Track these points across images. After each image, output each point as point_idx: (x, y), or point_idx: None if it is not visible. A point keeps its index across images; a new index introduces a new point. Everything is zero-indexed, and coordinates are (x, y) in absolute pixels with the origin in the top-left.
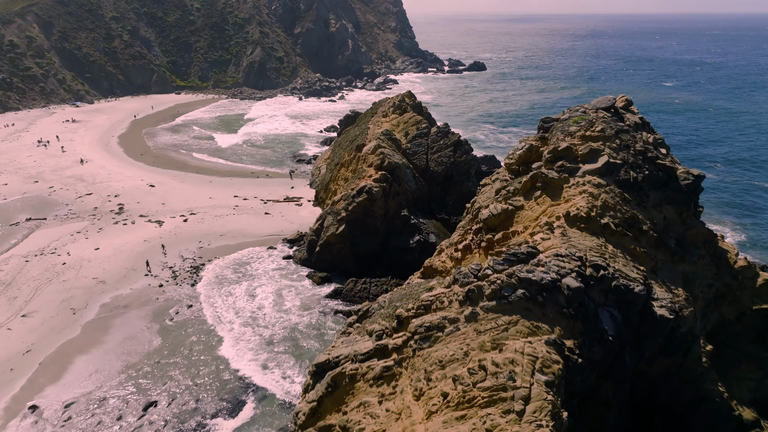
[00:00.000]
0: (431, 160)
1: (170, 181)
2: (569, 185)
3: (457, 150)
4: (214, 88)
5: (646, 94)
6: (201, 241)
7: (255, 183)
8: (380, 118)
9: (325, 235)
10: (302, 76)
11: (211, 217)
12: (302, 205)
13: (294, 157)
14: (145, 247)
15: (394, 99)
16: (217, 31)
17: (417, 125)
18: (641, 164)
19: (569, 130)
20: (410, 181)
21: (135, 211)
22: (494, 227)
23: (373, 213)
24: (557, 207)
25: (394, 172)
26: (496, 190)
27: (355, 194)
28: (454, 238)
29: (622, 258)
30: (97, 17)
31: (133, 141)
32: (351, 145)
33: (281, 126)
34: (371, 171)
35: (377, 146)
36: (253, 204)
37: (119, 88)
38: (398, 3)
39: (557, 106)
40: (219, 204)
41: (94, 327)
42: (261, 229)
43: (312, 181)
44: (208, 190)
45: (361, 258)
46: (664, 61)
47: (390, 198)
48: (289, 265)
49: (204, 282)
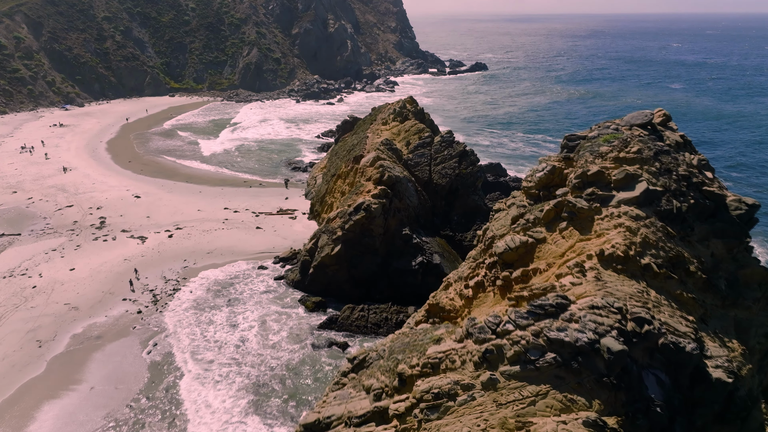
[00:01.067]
0: (434, 171)
1: (157, 191)
2: (601, 217)
3: (463, 161)
4: (210, 90)
5: (653, 96)
6: (186, 260)
7: (247, 193)
8: (380, 126)
9: (320, 255)
10: (300, 77)
11: (198, 232)
12: (296, 218)
13: (289, 165)
14: (125, 267)
15: (394, 105)
16: (213, 32)
17: (419, 134)
18: (685, 191)
19: (600, 150)
20: (412, 196)
21: (117, 225)
22: (511, 262)
23: (372, 232)
24: (588, 243)
25: (395, 186)
26: (513, 218)
27: (352, 212)
28: (464, 271)
29: (667, 306)
30: (88, 17)
31: (122, 146)
32: (348, 155)
33: (277, 130)
34: (370, 185)
35: (376, 158)
36: (244, 217)
37: (111, 90)
38: (398, 3)
39: (562, 109)
40: (208, 217)
41: (61, 363)
42: (251, 246)
43: (307, 192)
44: (197, 202)
45: (359, 280)
46: (668, 63)
47: (390, 215)
48: (279, 288)
49: (184, 307)
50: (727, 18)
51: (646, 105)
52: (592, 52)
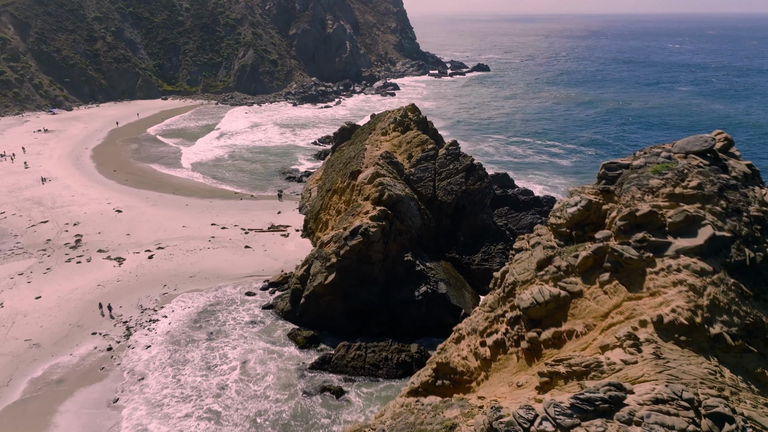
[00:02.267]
0: (439, 188)
1: (141, 204)
2: (655, 270)
3: (470, 176)
4: (204, 93)
5: (662, 99)
6: (166, 285)
7: (237, 207)
8: (379, 137)
9: (312, 284)
10: (297, 80)
11: (181, 253)
12: (289, 235)
13: (283, 174)
14: (98, 295)
15: (395, 114)
16: (208, 33)
17: (422, 146)
18: (759, 237)
19: (649, 184)
20: (415, 216)
21: (94, 244)
22: (539, 319)
23: (370, 259)
24: (639, 303)
25: (396, 206)
26: (539, 262)
27: (347, 236)
28: (479, 322)
29: (747, 391)
30: (78, 18)
31: (108, 154)
32: (345, 168)
33: (270, 136)
34: (368, 206)
35: (375, 174)
36: (233, 234)
37: (101, 93)
38: (398, 3)
39: (569, 113)
40: (193, 234)
41: (12, 416)
42: (239, 268)
43: (301, 206)
44: (182, 217)
45: (356, 312)
46: (672, 64)
47: (390, 239)
48: (267, 318)
49: (160, 341)
50: (728, 18)
51: (655, 107)
52: (594, 53)
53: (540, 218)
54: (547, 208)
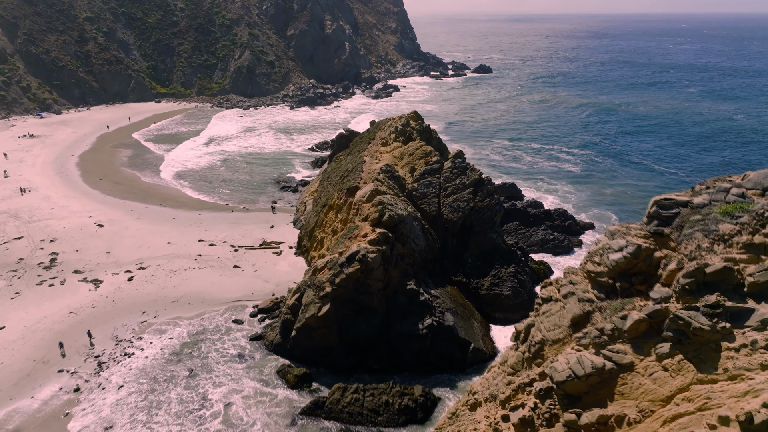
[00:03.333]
0: (445, 204)
1: (125, 218)
2: (735, 346)
3: (478, 191)
4: (199, 95)
5: (671, 101)
6: (145, 312)
7: (227, 220)
8: (378, 147)
9: (304, 315)
10: (295, 82)
11: (164, 273)
12: (282, 253)
13: (278, 183)
14: (69, 324)
15: (396, 122)
16: (203, 34)
17: (426, 158)
18: None
19: (719, 230)
20: (418, 238)
21: (70, 264)
22: (578, 395)
23: (369, 287)
24: (715, 389)
25: (398, 228)
26: (574, 319)
27: (344, 262)
28: (499, 387)
29: None
30: (68, 18)
31: (95, 161)
32: (342, 182)
33: (266, 141)
34: (366, 228)
35: (375, 191)
36: (221, 252)
37: (92, 96)
38: (399, 2)
39: (576, 117)
40: (178, 252)
41: None
42: (226, 291)
43: (296, 219)
44: (168, 232)
45: (352, 346)
46: (676, 65)
47: (391, 265)
48: (255, 352)
49: (134, 379)
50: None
51: (661, 111)
52: (597, 54)
53: (552, 234)
54: (559, 221)
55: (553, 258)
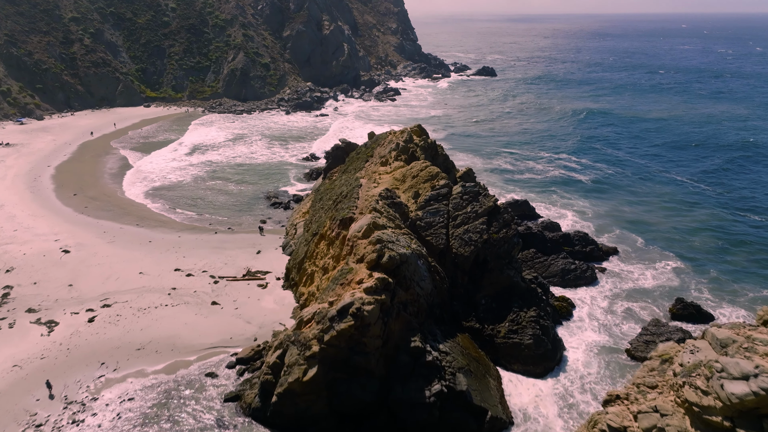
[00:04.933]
0: (454, 236)
1: (95, 241)
2: None
3: (493, 221)
4: (190, 99)
5: (684, 105)
6: (104, 364)
7: (210, 243)
8: (377, 167)
9: (287, 379)
10: (291, 85)
11: (131, 313)
12: (267, 285)
13: (268, 199)
14: (10, 382)
15: (397, 137)
16: (195, 35)
17: (431, 181)
18: None
19: None
20: (424, 279)
21: (24, 300)
22: None
23: (365, 347)
24: None
25: (400, 270)
26: None
27: (335, 316)
28: None
29: None
30: (53, 18)
31: (72, 173)
32: (335, 208)
33: (257, 150)
34: (362, 271)
35: (372, 225)
36: (199, 284)
37: (78, 100)
38: (399, 2)
39: (585, 123)
40: (150, 285)
41: None
42: (201, 335)
43: (285, 244)
44: (142, 259)
45: (345, 415)
46: (685, 68)
47: (392, 317)
48: (232, 419)
49: None
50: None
51: (671, 116)
52: (601, 56)
53: (573, 263)
54: (579, 246)
55: (575, 289)
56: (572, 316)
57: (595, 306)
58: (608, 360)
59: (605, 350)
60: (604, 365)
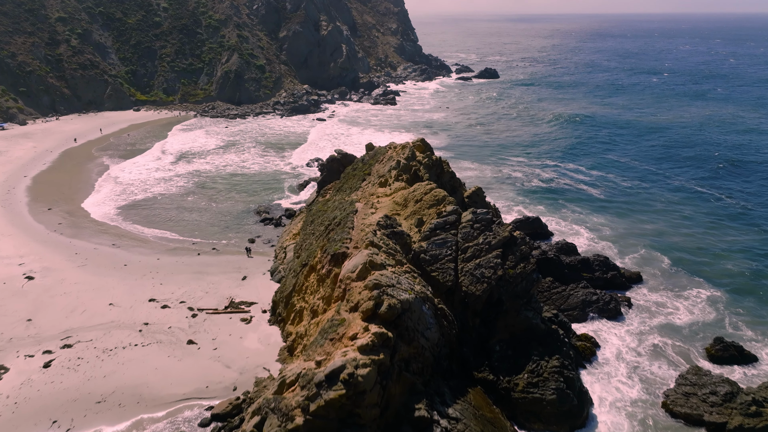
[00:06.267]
0: (464, 272)
1: (64, 265)
2: None
3: (509, 254)
4: (182, 102)
5: (697, 109)
6: (57, 423)
7: (191, 267)
8: (375, 188)
9: None
10: (287, 87)
11: (95, 354)
12: (252, 320)
13: (258, 214)
14: None
15: (397, 153)
16: (188, 35)
17: (437, 207)
18: None
19: None
20: (429, 328)
21: None
22: None
23: (359, 418)
24: None
25: (401, 320)
26: None
27: (323, 381)
28: None
29: None
30: (39, 18)
31: (50, 184)
32: (326, 234)
33: (248, 157)
34: (356, 323)
35: (368, 265)
36: (175, 318)
37: (64, 104)
38: (399, 2)
39: (594, 128)
40: (120, 320)
41: None
42: (173, 383)
43: (274, 268)
44: (114, 286)
45: None
46: (692, 70)
47: (392, 379)
48: None
49: None
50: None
51: (700, 121)
52: (604, 56)
53: (594, 294)
54: (600, 272)
55: (597, 324)
56: (596, 358)
57: (622, 346)
58: (642, 416)
59: (638, 404)
60: (638, 424)
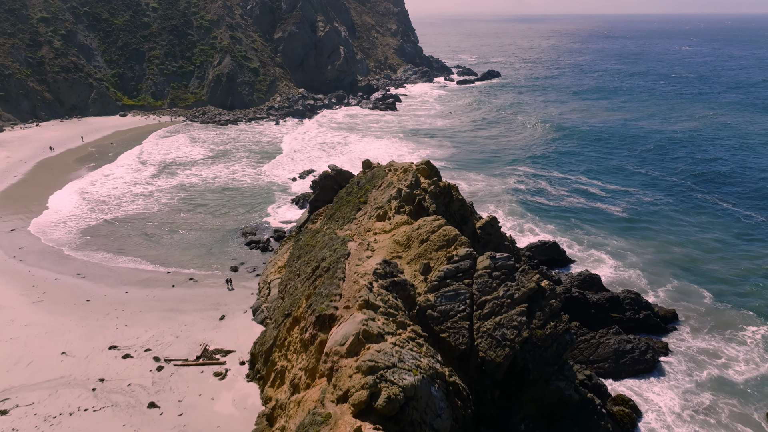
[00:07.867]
0: (481, 332)
1: (17, 301)
2: None
3: (536, 309)
4: (171, 107)
5: (710, 115)
6: None
7: (162, 303)
8: (372, 222)
9: None
10: (282, 91)
11: (34, 424)
12: (227, 374)
13: (245, 235)
14: None
15: (398, 179)
16: (178, 37)
17: (447, 249)
18: None
19: None
20: (440, 415)
21: None
22: None
23: None
24: None
25: (405, 414)
26: None
27: None
28: None
29: None
30: (19, 18)
31: (18, 200)
32: (312, 280)
33: (240, 169)
34: (346, 421)
35: (362, 336)
36: (137, 372)
37: (45, 109)
38: (399, 2)
39: (598, 133)
40: (72, 373)
41: None
42: None
43: (256, 306)
44: (71, 330)
45: None
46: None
47: None
48: None
49: None
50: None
51: (719, 129)
52: (608, 58)
53: (629, 341)
54: (631, 312)
55: (634, 381)
56: (637, 429)
57: (667, 411)
58: None
59: None
60: None
